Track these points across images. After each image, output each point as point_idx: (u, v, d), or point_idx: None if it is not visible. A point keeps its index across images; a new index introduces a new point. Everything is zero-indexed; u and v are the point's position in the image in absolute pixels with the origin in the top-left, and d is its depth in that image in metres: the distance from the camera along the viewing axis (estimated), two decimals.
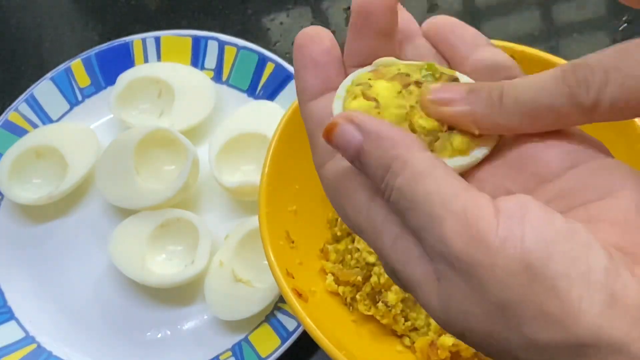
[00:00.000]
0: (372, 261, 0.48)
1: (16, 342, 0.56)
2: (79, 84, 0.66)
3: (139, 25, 0.72)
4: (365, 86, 0.25)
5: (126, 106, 0.63)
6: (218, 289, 0.54)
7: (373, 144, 0.23)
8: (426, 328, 0.47)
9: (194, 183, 0.59)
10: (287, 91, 0.62)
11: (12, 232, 0.61)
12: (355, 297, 0.48)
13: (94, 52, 0.67)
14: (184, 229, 0.57)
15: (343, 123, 0.23)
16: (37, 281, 0.59)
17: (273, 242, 0.45)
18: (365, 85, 0.25)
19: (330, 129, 0.23)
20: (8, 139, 0.63)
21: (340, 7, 0.71)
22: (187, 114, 0.62)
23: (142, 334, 0.56)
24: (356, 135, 0.23)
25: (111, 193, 0.59)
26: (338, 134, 0.23)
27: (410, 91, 0.25)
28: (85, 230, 0.61)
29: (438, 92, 0.24)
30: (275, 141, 0.47)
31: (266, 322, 0.54)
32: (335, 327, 0.45)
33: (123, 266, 0.56)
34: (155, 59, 0.67)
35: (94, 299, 0.58)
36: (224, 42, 0.65)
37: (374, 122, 0.23)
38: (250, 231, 0.55)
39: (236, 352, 0.53)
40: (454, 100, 0.24)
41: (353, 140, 0.23)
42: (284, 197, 0.48)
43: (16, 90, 0.66)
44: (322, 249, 0.51)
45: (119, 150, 0.59)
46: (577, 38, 0.64)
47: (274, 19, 0.71)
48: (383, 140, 0.23)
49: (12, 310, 0.57)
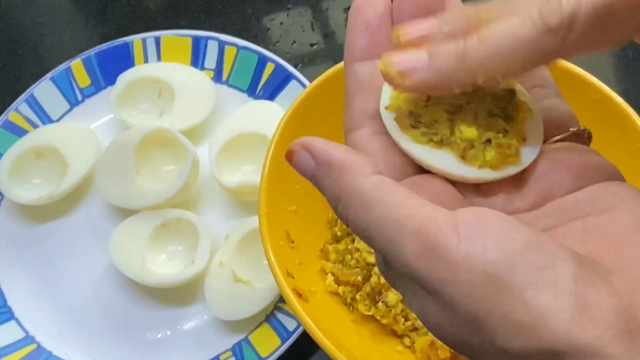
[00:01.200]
0: (372, 261, 0.48)
1: (16, 342, 0.55)
2: (79, 84, 0.66)
3: (139, 25, 0.72)
4: None
5: (126, 106, 0.63)
6: (218, 289, 0.54)
7: (323, 173, 0.23)
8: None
9: (194, 183, 0.59)
10: (287, 91, 0.62)
11: (12, 232, 0.61)
12: (355, 297, 0.48)
13: (94, 52, 0.67)
14: (184, 229, 0.57)
15: (299, 150, 0.24)
16: (37, 281, 0.59)
17: (273, 242, 0.45)
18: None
19: (289, 155, 0.24)
20: (8, 139, 0.63)
21: (341, 7, 0.71)
22: (187, 114, 0.62)
23: (142, 334, 0.56)
24: (310, 163, 0.23)
25: (111, 193, 0.59)
26: (295, 161, 0.24)
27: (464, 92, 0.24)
28: (85, 230, 0.61)
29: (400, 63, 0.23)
30: (275, 141, 0.47)
31: (266, 322, 0.54)
32: (335, 327, 0.45)
33: (123, 266, 0.56)
34: (155, 59, 0.67)
35: (94, 299, 0.58)
36: (224, 42, 0.65)
37: (326, 149, 0.23)
38: (250, 231, 0.55)
39: (236, 352, 0.53)
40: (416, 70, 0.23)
41: (308, 168, 0.23)
42: (284, 197, 0.48)
43: (16, 90, 0.66)
44: (322, 249, 0.51)
45: (119, 150, 0.59)
46: None
47: (274, 19, 0.71)
48: (332, 170, 0.23)
49: (12, 310, 0.57)
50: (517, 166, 0.24)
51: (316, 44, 0.69)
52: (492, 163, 0.24)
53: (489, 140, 0.24)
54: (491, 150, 0.24)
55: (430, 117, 0.24)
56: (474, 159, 0.24)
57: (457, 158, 0.24)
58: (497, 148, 0.24)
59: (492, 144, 0.24)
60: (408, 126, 0.25)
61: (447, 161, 0.24)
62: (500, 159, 0.24)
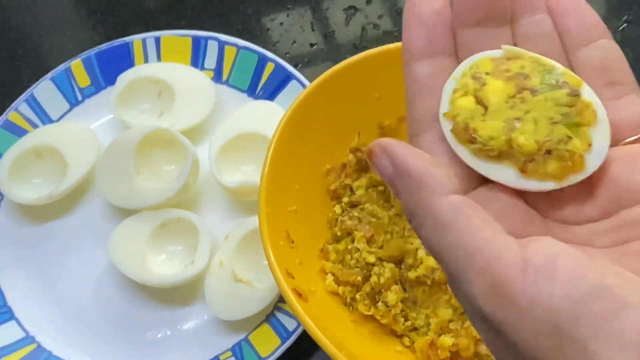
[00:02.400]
0: (372, 261, 0.48)
1: (16, 342, 0.55)
2: (79, 84, 0.66)
3: (139, 25, 0.72)
4: (480, 83, 0.24)
5: (126, 106, 0.63)
6: (218, 289, 0.54)
7: (402, 182, 0.23)
8: (426, 328, 0.47)
9: (194, 183, 0.59)
10: (287, 91, 0.62)
11: (12, 232, 0.61)
12: (355, 297, 0.48)
13: (94, 52, 0.67)
14: (184, 229, 0.57)
15: (379, 153, 0.23)
16: (37, 281, 0.59)
17: (273, 242, 0.45)
18: (480, 82, 0.24)
19: (369, 154, 0.23)
20: (8, 139, 0.63)
21: (340, 7, 0.71)
22: (187, 114, 0.62)
23: (142, 334, 0.56)
24: (389, 169, 0.23)
25: (111, 193, 0.59)
26: (374, 162, 0.23)
27: (523, 99, 0.24)
28: (85, 230, 0.61)
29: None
30: (275, 141, 0.47)
31: (266, 322, 0.54)
32: (335, 327, 0.45)
33: (123, 266, 0.56)
34: (155, 59, 0.67)
35: (94, 299, 0.58)
36: (224, 42, 0.65)
37: (405, 157, 0.23)
38: (250, 231, 0.55)
39: (236, 352, 0.53)
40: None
41: (386, 173, 0.23)
42: (284, 197, 0.48)
43: (16, 90, 0.66)
44: (322, 249, 0.51)
45: (119, 150, 0.59)
46: None
47: (274, 19, 0.71)
48: (410, 181, 0.22)
49: (12, 310, 0.57)
50: (582, 174, 0.24)
51: (316, 44, 0.69)
52: (554, 174, 0.23)
53: (550, 151, 0.23)
54: (552, 162, 0.23)
55: (487, 132, 0.24)
56: (535, 172, 0.24)
57: (518, 172, 0.24)
58: (558, 159, 0.23)
59: (552, 155, 0.23)
60: (465, 141, 0.24)
61: (507, 175, 0.24)
62: (563, 168, 0.23)
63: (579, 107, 0.24)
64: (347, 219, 0.50)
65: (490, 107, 0.24)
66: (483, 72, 0.25)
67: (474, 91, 0.24)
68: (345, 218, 0.50)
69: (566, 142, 0.23)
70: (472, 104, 0.24)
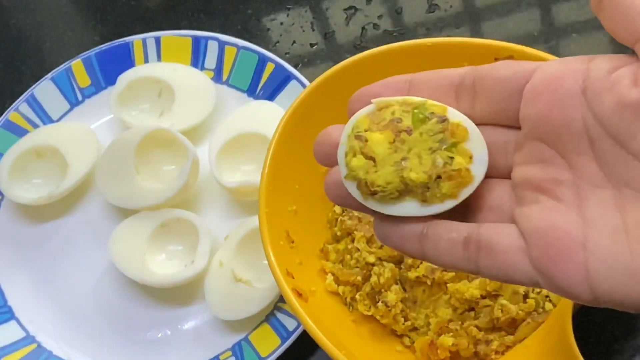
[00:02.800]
0: (371, 261, 0.48)
1: (16, 342, 0.56)
2: (79, 84, 0.66)
3: (139, 25, 0.72)
4: (362, 142, 0.27)
5: (126, 106, 0.64)
6: (218, 289, 0.54)
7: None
8: (426, 328, 0.47)
9: (194, 183, 0.59)
10: (287, 91, 0.62)
11: (12, 232, 0.61)
12: (355, 297, 0.48)
13: (94, 52, 0.67)
14: (184, 229, 0.57)
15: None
16: (37, 281, 0.59)
17: (273, 242, 0.45)
18: (362, 141, 0.27)
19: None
20: (8, 139, 0.63)
21: (341, 7, 0.71)
22: (187, 114, 0.62)
23: (142, 334, 0.56)
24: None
25: (111, 193, 0.59)
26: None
27: (402, 140, 0.27)
28: (85, 230, 0.61)
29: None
30: (275, 141, 0.47)
31: (266, 322, 0.54)
32: (335, 327, 0.45)
33: (123, 266, 0.56)
34: (156, 59, 0.67)
35: (94, 299, 0.58)
36: (224, 42, 0.65)
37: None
38: (250, 231, 0.55)
39: (236, 352, 0.53)
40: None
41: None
42: (284, 197, 0.48)
43: (16, 90, 0.66)
44: (322, 249, 0.51)
45: (119, 150, 0.59)
46: (577, 38, 0.64)
47: (274, 19, 0.71)
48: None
49: (13, 310, 0.57)
50: (472, 184, 0.27)
51: (316, 44, 0.69)
52: (450, 193, 0.26)
53: (439, 176, 0.26)
54: (445, 184, 0.26)
55: (382, 180, 0.27)
56: (434, 198, 0.26)
57: (419, 202, 0.27)
58: (449, 179, 0.26)
59: (443, 178, 0.26)
60: (368, 196, 0.27)
61: (412, 208, 0.27)
62: (455, 185, 0.26)
63: (451, 129, 0.27)
64: (347, 219, 0.50)
65: (377, 158, 0.27)
66: (362, 130, 0.27)
67: (360, 149, 0.27)
68: (345, 218, 0.50)
69: (450, 163, 0.26)
70: (363, 161, 0.27)
